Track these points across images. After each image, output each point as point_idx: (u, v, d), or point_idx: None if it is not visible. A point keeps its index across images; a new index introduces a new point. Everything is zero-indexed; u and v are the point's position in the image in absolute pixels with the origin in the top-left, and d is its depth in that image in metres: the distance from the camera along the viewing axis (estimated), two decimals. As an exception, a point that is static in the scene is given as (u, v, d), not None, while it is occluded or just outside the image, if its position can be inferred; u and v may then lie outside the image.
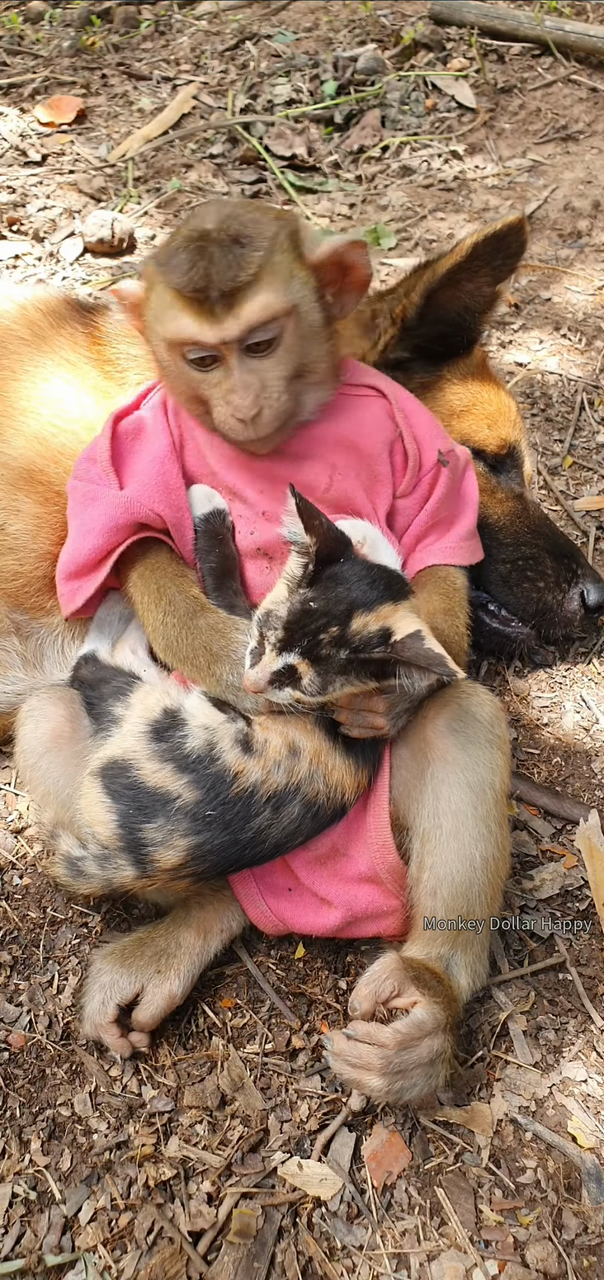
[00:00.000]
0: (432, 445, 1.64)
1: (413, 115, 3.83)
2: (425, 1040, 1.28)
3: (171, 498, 1.55)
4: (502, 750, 1.41)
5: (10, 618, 1.71)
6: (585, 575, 1.92)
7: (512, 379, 2.67)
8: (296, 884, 1.46)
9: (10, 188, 3.41)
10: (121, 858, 1.35)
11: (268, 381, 1.46)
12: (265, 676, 1.33)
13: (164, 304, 1.45)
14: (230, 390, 1.45)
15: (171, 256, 1.43)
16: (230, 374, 1.44)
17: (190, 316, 1.42)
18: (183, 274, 1.40)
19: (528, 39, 4.09)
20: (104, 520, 1.52)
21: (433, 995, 1.31)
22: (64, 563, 1.58)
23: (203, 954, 1.47)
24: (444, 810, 1.38)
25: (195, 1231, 1.27)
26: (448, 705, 1.42)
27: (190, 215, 1.51)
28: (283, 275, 1.43)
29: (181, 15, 4.66)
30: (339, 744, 1.38)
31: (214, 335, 1.41)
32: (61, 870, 1.45)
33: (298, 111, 3.79)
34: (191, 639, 1.47)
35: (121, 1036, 1.40)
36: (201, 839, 1.33)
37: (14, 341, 1.84)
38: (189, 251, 1.40)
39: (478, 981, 1.42)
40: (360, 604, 1.33)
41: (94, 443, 1.61)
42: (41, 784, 1.53)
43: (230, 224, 1.41)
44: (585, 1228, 1.27)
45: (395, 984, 1.32)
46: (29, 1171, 1.33)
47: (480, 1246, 1.26)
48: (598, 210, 3.33)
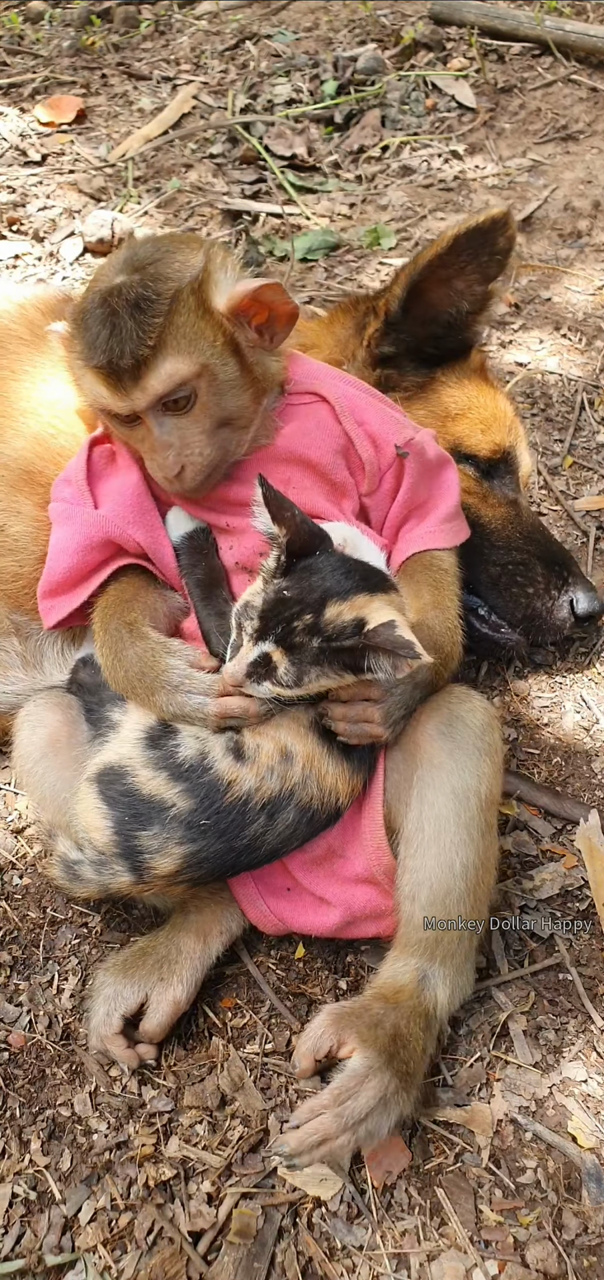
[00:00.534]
0: (388, 441, 1.61)
1: (413, 115, 3.82)
2: (365, 1086, 1.27)
3: (146, 519, 1.54)
4: (491, 758, 1.39)
5: (10, 619, 1.71)
6: (576, 583, 1.91)
7: (512, 379, 2.67)
8: (295, 884, 1.46)
9: (10, 188, 3.41)
10: (118, 864, 1.35)
11: (188, 439, 1.45)
12: (242, 669, 1.32)
13: (79, 368, 1.47)
14: (152, 450, 1.47)
15: (82, 320, 1.43)
16: (150, 434, 1.45)
17: (102, 386, 1.43)
18: (89, 346, 1.41)
19: (528, 39, 4.09)
20: (78, 539, 1.53)
21: (371, 1038, 1.30)
22: (42, 580, 1.59)
23: (204, 958, 1.46)
24: (427, 815, 1.37)
25: (195, 1231, 1.27)
26: (439, 710, 1.42)
27: (109, 258, 1.51)
28: (188, 336, 1.41)
29: (181, 15, 4.66)
30: (333, 748, 1.38)
31: (125, 406, 1.43)
32: (58, 872, 1.45)
33: (298, 111, 3.79)
34: (125, 670, 1.45)
35: (128, 1048, 1.40)
36: (197, 847, 1.33)
37: (13, 342, 1.84)
38: (96, 319, 1.40)
39: (460, 994, 1.40)
40: (335, 593, 1.32)
41: (69, 465, 1.62)
42: (38, 788, 1.54)
43: (132, 286, 1.39)
44: (585, 1228, 1.27)
45: (333, 1037, 1.31)
46: (29, 1171, 1.33)
47: (480, 1246, 1.26)
48: (598, 210, 3.33)
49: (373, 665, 1.29)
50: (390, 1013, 1.33)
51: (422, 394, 1.91)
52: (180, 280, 1.42)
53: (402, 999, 1.35)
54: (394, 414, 1.67)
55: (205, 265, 1.46)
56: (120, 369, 1.39)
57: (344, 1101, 1.26)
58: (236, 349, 1.49)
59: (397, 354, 1.90)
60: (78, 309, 1.46)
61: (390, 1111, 1.28)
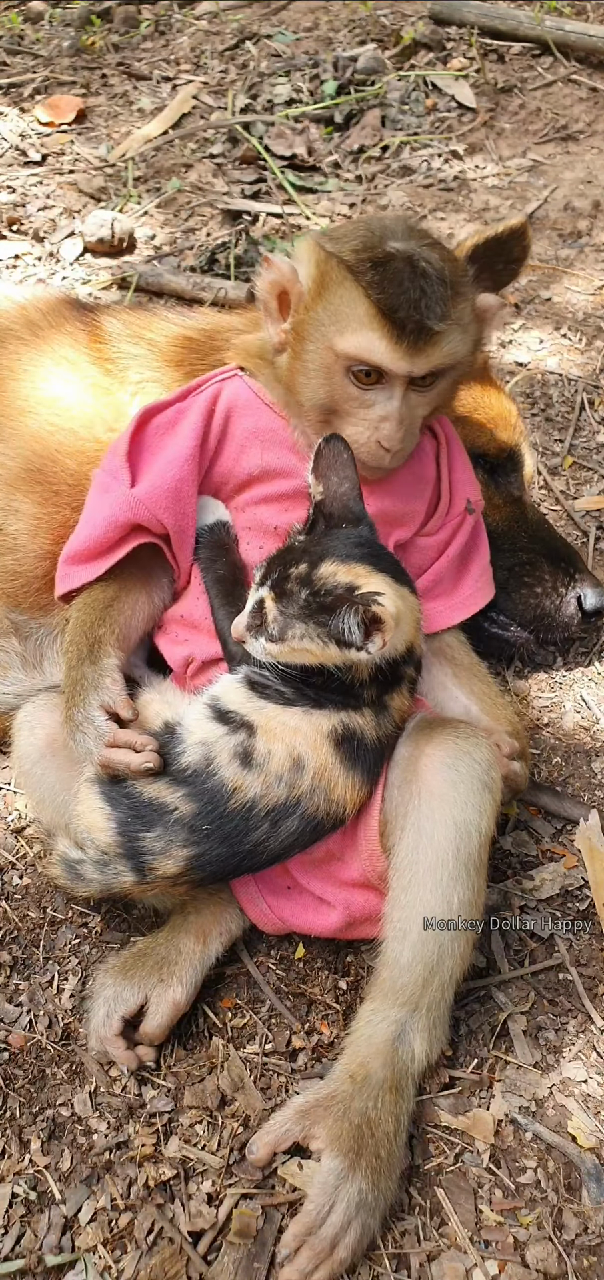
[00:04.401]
0: (462, 492, 1.64)
1: (413, 115, 3.82)
2: (338, 1196, 1.22)
3: (180, 505, 1.53)
4: (492, 795, 1.36)
5: (9, 618, 1.71)
6: (583, 579, 1.92)
7: (512, 379, 2.67)
8: (295, 883, 1.46)
9: (10, 188, 3.41)
10: (121, 864, 1.35)
11: (415, 416, 1.47)
12: (244, 620, 1.32)
13: (353, 312, 1.42)
14: (383, 418, 1.44)
15: (377, 266, 1.39)
16: (390, 402, 1.43)
17: (386, 340, 1.39)
18: (395, 295, 1.37)
19: (528, 39, 4.09)
20: (107, 514, 1.52)
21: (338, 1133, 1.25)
22: (66, 547, 1.59)
23: (204, 958, 1.46)
24: (424, 845, 1.33)
25: (195, 1231, 1.27)
26: (445, 743, 1.38)
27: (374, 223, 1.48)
28: (465, 324, 1.45)
29: (181, 15, 4.66)
30: (346, 759, 1.35)
31: (404, 368, 1.41)
32: (59, 871, 1.45)
33: (298, 111, 3.79)
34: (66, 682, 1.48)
35: (128, 1049, 1.40)
36: (200, 850, 1.32)
37: (13, 341, 1.84)
38: (406, 275, 1.37)
39: (438, 1047, 1.35)
40: (336, 555, 1.30)
41: (120, 435, 1.60)
42: (36, 790, 1.55)
43: (433, 259, 1.40)
44: (585, 1228, 1.27)
45: (298, 1133, 1.28)
46: (29, 1171, 1.33)
47: (480, 1246, 1.26)
48: (598, 210, 3.33)
49: (347, 629, 1.26)
50: (357, 1096, 1.28)
51: None
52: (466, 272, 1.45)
53: (372, 1072, 1.30)
54: (470, 466, 1.71)
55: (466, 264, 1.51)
56: (417, 329, 1.37)
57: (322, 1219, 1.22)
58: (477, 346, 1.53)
59: None
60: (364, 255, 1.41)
61: (369, 1220, 1.23)
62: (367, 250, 1.42)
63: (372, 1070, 1.30)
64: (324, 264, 1.46)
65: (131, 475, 1.54)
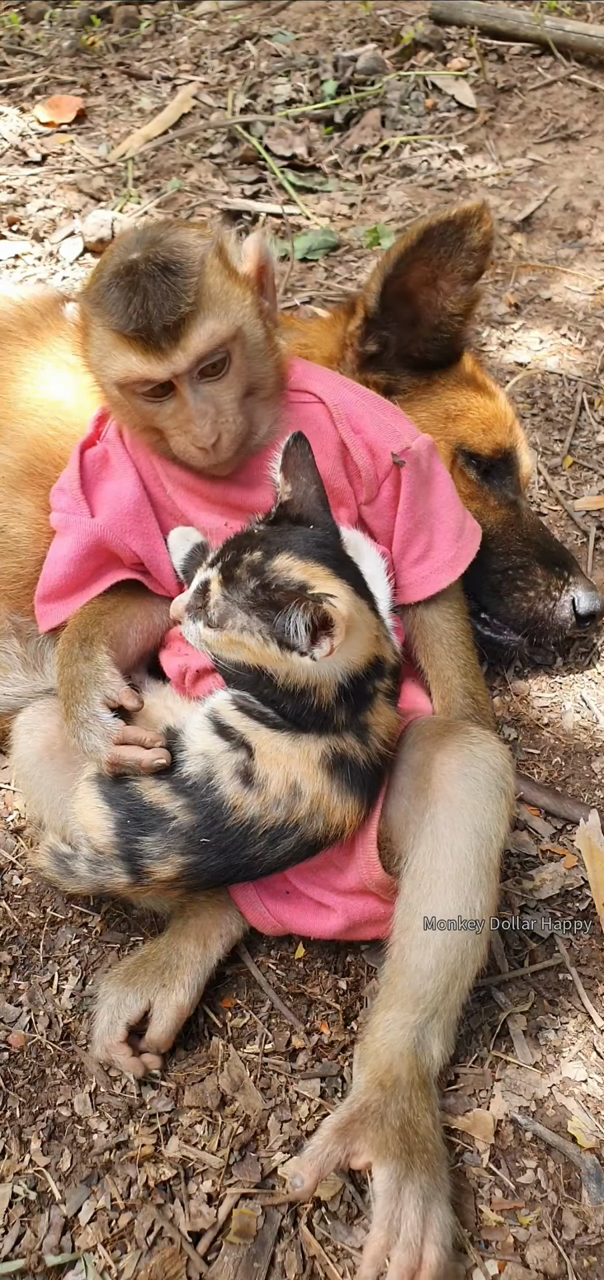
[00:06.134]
0: (384, 449, 1.59)
1: (413, 115, 3.82)
2: (405, 1196, 1.19)
3: (142, 525, 1.54)
4: (508, 800, 1.36)
5: (11, 620, 1.71)
6: (577, 583, 1.91)
7: (512, 379, 2.67)
8: (293, 889, 1.46)
9: (10, 188, 3.42)
10: (116, 865, 1.35)
11: (222, 405, 1.44)
12: (185, 599, 1.29)
13: (106, 345, 1.42)
14: (187, 420, 1.43)
15: (103, 295, 1.38)
16: (185, 404, 1.43)
17: (136, 355, 1.39)
18: (120, 314, 1.36)
19: (528, 39, 4.09)
20: (75, 548, 1.54)
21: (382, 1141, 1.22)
22: (39, 585, 1.60)
23: (205, 961, 1.46)
24: (443, 853, 1.32)
25: (195, 1231, 1.27)
26: (460, 749, 1.38)
27: (113, 246, 1.47)
28: (220, 298, 1.41)
29: (181, 15, 4.66)
30: (342, 784, 1.33)
31: (164, 371, 1.39)
32: (46, 862, 1.45)
33: (298, 111, 3.79)
34: (62, 684, 1.48)
35: (133, 1056, 1.39)
36: (197, 859, 1.32)
37: (12, 343, 1.84)
38: (120, 288, 1.36)
39: (449, 1050, 1.35)
40: (295, 550, 1.23)
41: (63, 475, 1.61)
42: (34, 793, 1.55)
43: (157, 251, 1.36)
44: (585, 1228, 1.27)
45: (342, 1150, 1.22)
46: (29, 1171, 1.33)
47: (480, 1246, 1.26)
48: (598, 210, 3.33)
49: (293, 628, 1.18)
50: (392, 1100, 1.26)
51: (422, 396, 1.91)
52: (203, 246, 1.41)
53: (399, 1075, 1.28)
54: (390, 420, 1.65)
55: (217, 233, 1.46)
56: (158, 332, 1.35)
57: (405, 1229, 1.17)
58: (260, 312, 1.49)
59: (382, 353, 1.89)
60: (94, 289, 1.42)
61: (441, 1206, 1.20)
62: (96, 280, 1.43)
63: (399, 1074, 1.29)
64: (82, 308, 1.48)
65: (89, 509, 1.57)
